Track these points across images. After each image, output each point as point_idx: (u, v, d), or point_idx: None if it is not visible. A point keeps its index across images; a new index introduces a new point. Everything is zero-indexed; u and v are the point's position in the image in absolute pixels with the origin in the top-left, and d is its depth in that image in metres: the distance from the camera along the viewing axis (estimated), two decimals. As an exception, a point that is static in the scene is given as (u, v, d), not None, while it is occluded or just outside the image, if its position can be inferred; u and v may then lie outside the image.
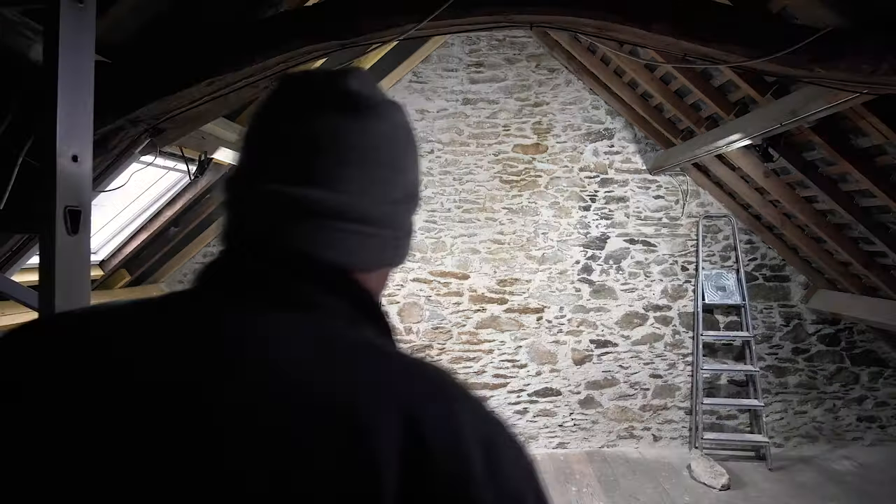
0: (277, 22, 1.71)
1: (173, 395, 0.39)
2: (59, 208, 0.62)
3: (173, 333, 0.44)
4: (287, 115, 0.53)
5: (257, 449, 0.37)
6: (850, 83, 1.72)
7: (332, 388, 0.40)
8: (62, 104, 0.63)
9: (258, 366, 0.41)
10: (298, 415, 0.39)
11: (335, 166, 0.51)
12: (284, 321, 0.44)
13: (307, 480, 0.37)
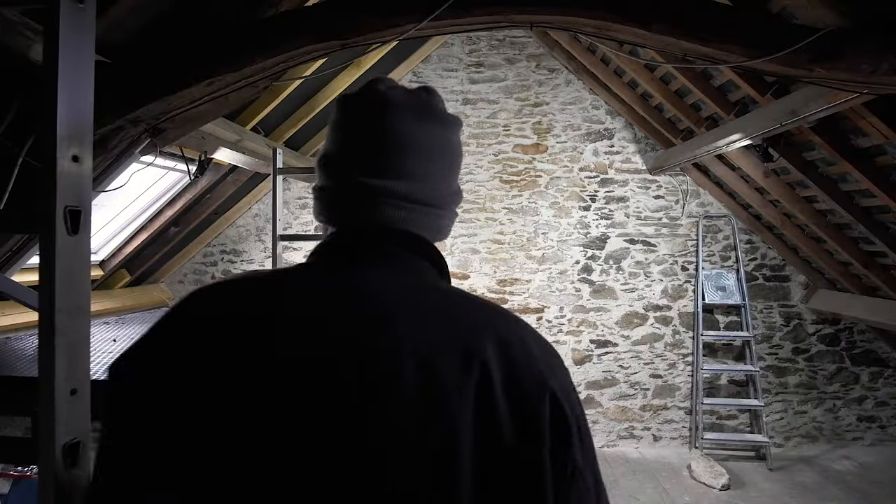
0: (277, 22, 1.71)
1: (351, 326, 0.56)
2: (59, 208, 0.63)
3: (340, 289, 0.60)
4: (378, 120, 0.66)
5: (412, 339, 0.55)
6: (850, 83, 1.72)
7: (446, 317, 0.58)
8: (62, 104, 0.64)
9: (383, 301, 0.58)
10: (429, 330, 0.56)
11: (416, 163, 0.66)
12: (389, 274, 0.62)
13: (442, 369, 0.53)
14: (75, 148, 0.66)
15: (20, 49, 1.52)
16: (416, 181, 0.66)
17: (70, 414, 0.64)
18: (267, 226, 4.61)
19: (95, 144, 1.75)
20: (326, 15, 1.62)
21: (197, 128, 2.12)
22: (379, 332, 0.56)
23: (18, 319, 3.03)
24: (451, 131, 0.70)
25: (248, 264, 4.62)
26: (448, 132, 0.70)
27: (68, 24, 0.64)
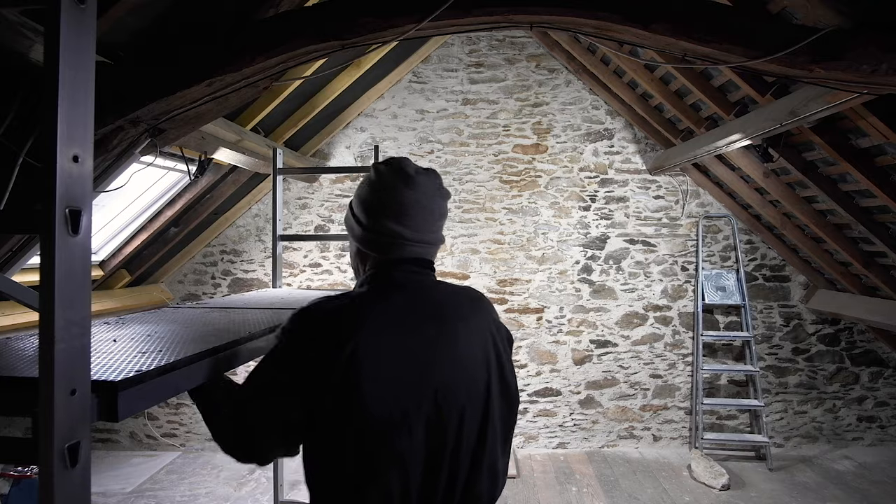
0: (277, 22, 1.71)
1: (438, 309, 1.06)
2: (59, 209, 0.63)
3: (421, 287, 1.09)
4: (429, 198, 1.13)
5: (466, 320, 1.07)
6: (850, 83, 1.72)
7: (466, 300, 1.12)
8: (62, 105, 0.64)
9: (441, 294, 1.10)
10: (465, 310, 1.09)
11: (434, 223, 1.13)
12: (433, 279, 1.13)
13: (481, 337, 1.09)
14: (76, 148, 0.66)
15: (20, 49, 1.52)
16: (436, 233, 1.15)
17: (70, 414, 0.65)
18: (267, 226, 4.61)
19: (95, 145, 1.75)
20: (326, 15, 1.62)
21: (197, 128, 2.12)
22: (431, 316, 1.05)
23: (19, 319, 3.03)
24: (447, 201, 1.19)
25: (248, 264, 4.63)
26: (447, 203, 1.19)
27: (69, 25, 0.64)
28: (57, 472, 0.64)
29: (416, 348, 0.99)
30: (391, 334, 0.99)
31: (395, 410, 0.95)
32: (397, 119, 4.57)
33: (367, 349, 0.95)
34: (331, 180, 4.59)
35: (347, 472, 0.95)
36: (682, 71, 3.25)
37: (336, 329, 0.97)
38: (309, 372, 0.95)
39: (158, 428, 4.65)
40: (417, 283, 1.08)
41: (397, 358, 0.98)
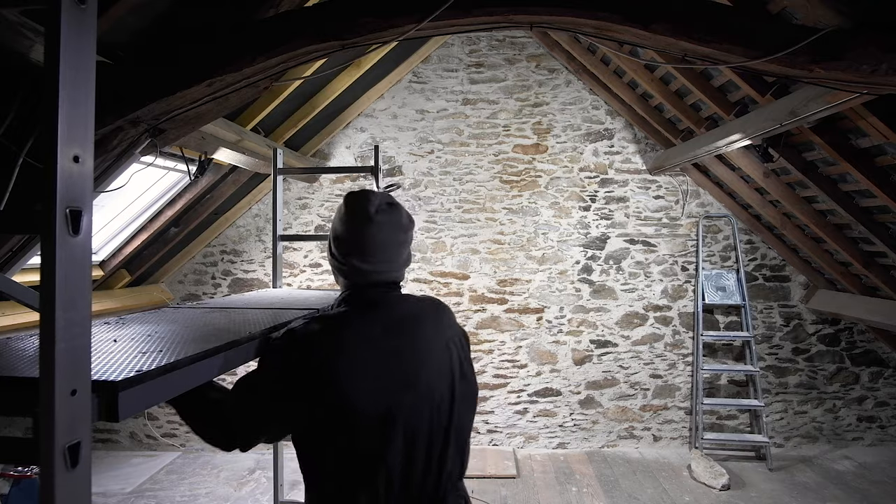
0: (277, 22, 1.71)
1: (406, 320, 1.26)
2: (59, 209, 0.63)
3: (387, 303, 1.27)
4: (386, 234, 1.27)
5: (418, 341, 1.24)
6: (850, 83, 1.72)
7: (427, 309, 1.32)
8: (63, 104, 0.64)
9: (406, 306, 1.30)
10: (416, 330, 1.25)
11: (395, 253, 1.30)
12: (398, 294, 1.32)
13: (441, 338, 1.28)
14: (76, 148, 0.66)
15: (20, 49, 1.52)
16: (393, 262, 1.30)
17: (70, 414, 0.65)
18: (267, 226, 4.61)
19: (95, 145, 1.75)
20: (326, 15, 1.62)
21: (197, 128, 2.12)
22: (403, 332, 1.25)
23: (19, 319, 3.03)
24: (410, 231, 1.34)
25: (248, 264, 4.63)
26: (409, 233, 1.33)
27: (69, 25, 0.64)
28: (58, 473, 0.64)
29: (389, 355, 1.20)
30: (367, 347, 1.19)
31: (376, 409, 1.15)
32: (397, 119, 4.57)
33: (348, 361, 1.16)
34: (331, 180, 4.59)
35: (335, 467, 1.15)
36: (682, 71, 3.25)
37: (319, 348, 1.16)
38: (295, 382, 1.13)
39: (158, 428, 4.65)
40: (385, 301, 1.29)
41: (374, 365, 1.17)
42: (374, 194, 1.30)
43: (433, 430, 1.20)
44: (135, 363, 0.89)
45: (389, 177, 4.59)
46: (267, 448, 4.60)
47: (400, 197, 4.57)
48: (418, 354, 1.22)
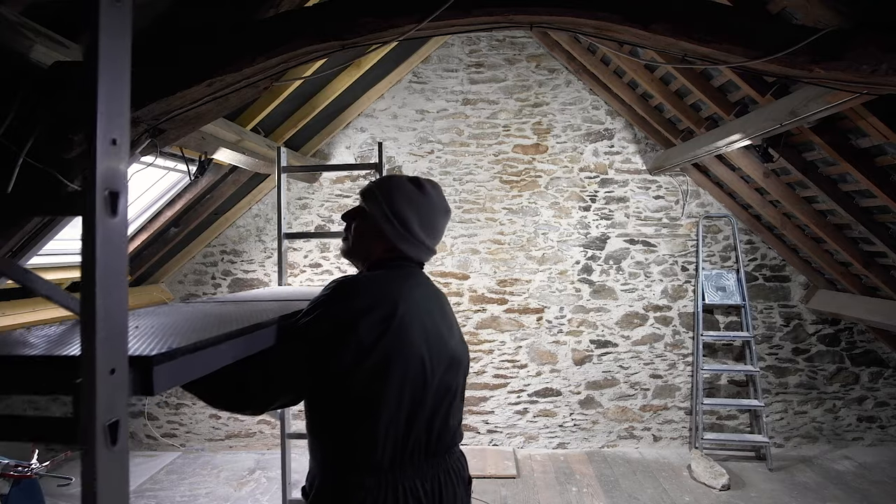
0: (277, 22, 1.71)
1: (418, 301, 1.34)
2: (99, 191, 0.66)
3: (405, 282, 1.35)
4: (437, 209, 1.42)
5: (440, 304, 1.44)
6: (850, 83, 1.72)
7: (437, 291, 1.47)
8: (102, 92, 0.67)
9: (420, 286, 1.39)
10: (441, 300, 1.45)
11: (440, 230, 1.44)
12: (423, 276, 1.43)
13: (447, 312, 1.45)
14: (115, 131, 0.68)
15: (20, 50, 1.52)
16: (435, 239, 1.44)
17: (110, 393, 0.67)
18: (267, 226, 4.61)
19: (95, 145, 1.75)
20: (326, 15, 1.61)
21: (197, 128, 2.11)
22: (431, 291, 1.43)
23: (19, 320, 3.03)
24: (447, 218, 1.47)
25: (248, 264, 4.63)
26: (447, 218, 1.46)
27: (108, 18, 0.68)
28: (99, 450, 0.65)
29: (425, 314, 1.34)
30: (418, 307, 1.33)
31: (413, 362, 1.27)
32: (397, 119, 4.57)
33: (409, 313, 1.28)
34: (331, 180, 4.59)
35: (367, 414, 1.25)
36: (682, 71, 3.25)
37: (375, 302, 1.26)
38: (346, 337, 1.22)
39: (158, 428, 4.65)
40: (416, 272, 1.42)
41: (416, 322, 1.30)
42: (426, 178, 1.46)
43: (452, 387, 1.37)
44: (165, 342, 0.90)
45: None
46: (267, 448, 4.61)
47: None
48: (446, 319, 1.41)
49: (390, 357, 1.24)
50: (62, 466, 3.87)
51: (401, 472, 1.28)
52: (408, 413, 1.27)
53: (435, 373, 1.31)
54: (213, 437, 4.66)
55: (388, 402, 1.25)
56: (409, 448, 1.29)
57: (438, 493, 1.33)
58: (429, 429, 1.32)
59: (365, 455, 1.25)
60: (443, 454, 1.36)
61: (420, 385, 1.29)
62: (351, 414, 1.26)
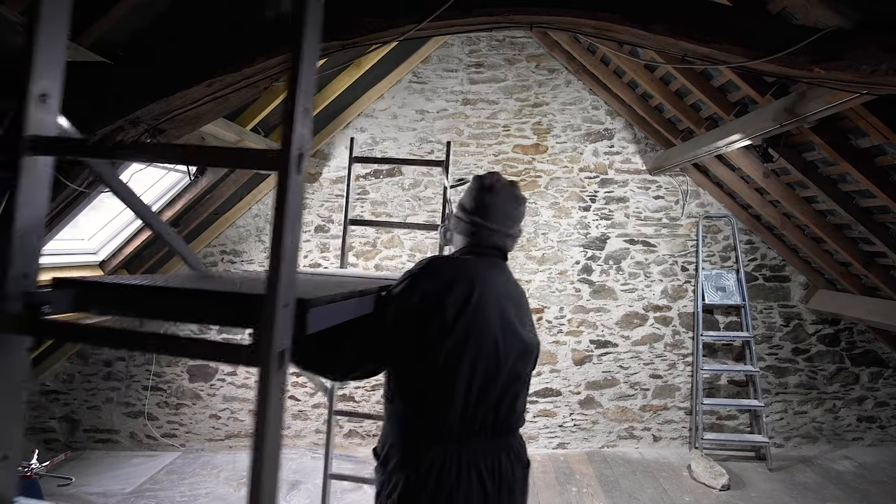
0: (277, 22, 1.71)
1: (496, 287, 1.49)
2: (293, 152, 0.78)
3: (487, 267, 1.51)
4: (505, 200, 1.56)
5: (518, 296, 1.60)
6: (850, 83, 1.72)
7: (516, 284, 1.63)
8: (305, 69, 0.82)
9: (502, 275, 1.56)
10: (518, 291, 1.62)
11: (512, 220, 1.58)
12: (505, 267, 1.61)
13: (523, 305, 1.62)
14: (304, 101, 0.81)
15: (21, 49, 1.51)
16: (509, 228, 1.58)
17: (283, 325, 0.81)
18: (267, 226, 4.60)
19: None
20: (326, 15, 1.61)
21: (197, 128, 2.12)
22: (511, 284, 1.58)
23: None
24: (522, 207, 1.61)
25: (248, 264, 4.63)
26: (521, 208, 1.60)
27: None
28: (272, 372, 0.79)
29: (502, 298, 1.49)
30: (496, 292, 1.47)
31: (491, 343, 1.41)
32: (397, 119, 4.57)
33: (486, 295, 1.43)
34: (331, 180, 4.60)
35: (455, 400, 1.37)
36: (682, 71, 3.25)
37: (457, 282, 1.40)
38: (433, 312, 1.35)
39: (158, 428, 4.65)
40: (497, 262, 1.58)
41: (500, 309, 1.46)
42: (497, 175, 1.59)
43: (522, 374, 1.49)
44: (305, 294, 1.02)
45: (396, 175, 4.59)
46: (267, 448, 4.61)
47: (400, 196, 4.57)
48: (521, 310, 1.56)
49: (469, 334, 1.37)
50: (62, 466, 3.88)
51: (466, 445, 1.38)
52: (479, 391, 1.38)
53: (508, 357, 1.43)
54: (213, 437, 4.66)
55: (462, 377, 1.36)
56: (477, 424, 1.39)
57: (499, 471, 1.42)
58: (496, 409, 1.41)
59: (435, 425, 1.37)
60: (506, 435, 1.46)
61: (493, 366, 1.40)
62: (428, 385, 1.37)
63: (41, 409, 4.59)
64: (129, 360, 4.60)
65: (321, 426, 4.65)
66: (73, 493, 3.76)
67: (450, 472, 1.36)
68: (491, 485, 1.41)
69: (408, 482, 1.37)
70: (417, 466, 1.36)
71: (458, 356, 1.36)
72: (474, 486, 1.38)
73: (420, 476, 1.36)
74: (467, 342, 1.37)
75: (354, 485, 3.78)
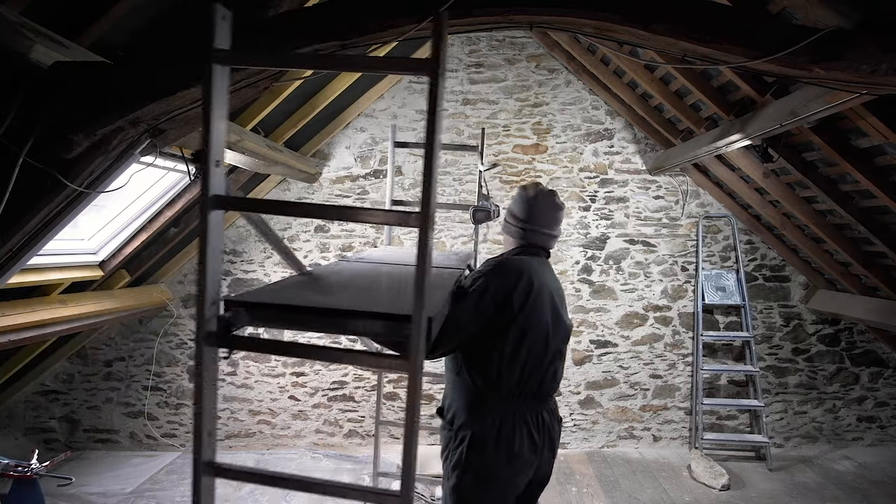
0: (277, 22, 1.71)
1: (546, 280, 1.93)
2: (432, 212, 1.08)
3: (538, 265, 1.95)
4: (548, 207, 2.00)
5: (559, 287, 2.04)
6: (850, 83, 1.72)
7: (555, 275, 2.06)
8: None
9: (548, 269, 2.02)
10: (558, 281, 2.05)
11: (555, 223, 2.03)
12: (547, 263, 2.03)
13: (563, 293, 2.05)
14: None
15: (20, 50, 1.52)
16: (552, 230, 2.01)
17: (423, 335, 1.05)
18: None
19: (95, 145, 1.75)
20: (326, 15, 1.62)
21: (197, 128, 2.12)
22: (554, 276, 2.02)
23: (20, 320, 3.03)
24: (562, 212, 2.02)
25: (247, 264, 4.62)
26: (561, 212, 2.02)
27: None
28: (416, 366, 1.05)
29: (552, 292, 1.93)
30: (547, 285, 1.91)
31: (544, 328, 1.85)
32: (397, 119, 4.57)
33: (533, 288, 1.83)
34: (331, 181, 4.60)
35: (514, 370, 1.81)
36: (682, 71, 3.25)
37: (523, 278, 1.83)
38: (505, 303, 1.78)
39: (158, 428, 4.65)
40: (543, 260, 2.00)
41: (546, 296, 1.88)
42: (539, 185, 2.01)
43: (562, 351, 1.94)
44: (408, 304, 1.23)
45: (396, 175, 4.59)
46: (267, 448, 4.61)
47: (399, 197, 4.57)
48: (561, 299, 1.99)
49: (529, 321, 1.80)
50: (62, 466, 3.88)
51: (519, 403, 1.84)
52: (532, 364, 1.83)
53: (554, 337, 1.88)
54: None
55: (521, 354, 1.81)
56: (527, 389, 1.85)
57: (542, 424, 1.88)
58: (542, 379, 1.86)
59: (497, 390, 1.82)
60: (547, 398, 1.93)
61: (543, 345, 1.84)
62: (494, 360, 1.81)
63: (41, 409, 4.59)
64: (128, 360, 4.60)
65: (321, 426, 4.65)
66: (73, 493, 3.76)
67: (507, 424, 1.81)
68: (537, 434, 1.86)
69: (474, 435, 1.82)
70: (483, 422, 1.81)
71: (519, 338, 1.80)
72: (525, 435, 1.83)
73: (485, 429, 1.81)
74: (527, 328, 1.80)
75: (354, 485, 3.77)
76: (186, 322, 4.61)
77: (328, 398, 4.64)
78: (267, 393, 4.65)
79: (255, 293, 1.37)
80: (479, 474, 1.81)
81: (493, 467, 1.80)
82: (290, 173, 4.10)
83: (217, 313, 1.14)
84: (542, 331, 1.82)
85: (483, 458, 1.80)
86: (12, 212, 1.70)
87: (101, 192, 1.96)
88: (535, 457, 1.86)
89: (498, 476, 1.82)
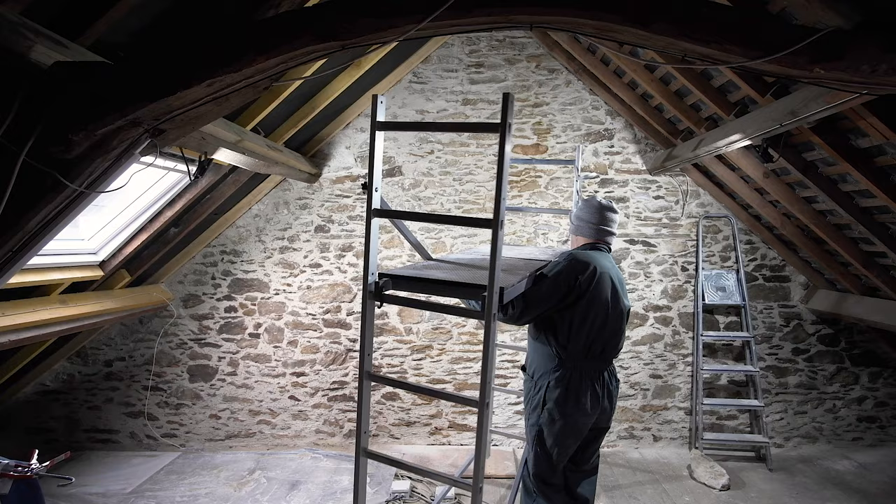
0: (277, 22, 1.71)
1: (608, 269, 2.57)
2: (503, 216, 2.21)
3: (602, 257, 2.61)
4: (609, 212, 2.70)
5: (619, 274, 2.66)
6: (850, 83, 1.71)
7: (615, 265, 2.69)
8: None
9: (610, 260, 2.66)
10: (618, 270, 2.67)
11: (615, 223, 2.74)
12: (609, 256, 2.69)
13: (622, 280, 2.66)
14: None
15: (20, 50, 1.52)
16: (612, 230, 2.72)
17: (494, 301, 1.71)
18: (267, 226, 4.61)
19: (96, 145, 1.75)
20: (326, 15, 1.61)
21: (197, 128, 2.11)
22: (615, 266, 2.65)
23: (19, 320, 3.03)
24: (617, 214, 2.72)
25: (248, 265, 4.63)
26: (617, 215, 2.72)
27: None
28: (489, 322, 1.70)
29: (613, 278, 2.52)
30: (605, 271, 2.49)
31: (606, 309, 2.46)
32: (397, 119, 4.57)
33: (600, 276, 2.45)
34: (331, 181, 4.59)
35: (581, 337, 2.44)
36: (682, 71, 3.25)
37: (589, 266, 2.44)
38: (575, 284, 2.40)
39: (158, 428, 4.65)
40: (608, 255, 2.62)
41: (608, 283, 2.48)
42: (600, 196, 2.42)
43: (621, 326, 2.54)
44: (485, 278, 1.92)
45: (396, 175, 4.59)
46: (267, 448, 4.61)
47: (400, 197, 4.57)
48: (621, 284, 2.56)
49: (593, 300, 2.42)
50: (62, 467, 3.87)
51: (584, 363, 2.46)
52: (595, 334, 2.44)
53: (612, 315, 2.47)
54: (213, 437, 4.66)
55: (586, 326, 2.42)
56: (593, 352, 2.46)
57: (603, 381, 2.51)
58: (604, 347, 2.47)
59: (568, 352, 2.45)
60: (607, 361, 2.53)
61: (603, 319, 2.45)
62: (565, 329, 2.43)
63: (41, 409, 4.59)
64: (128, 360, 4.60)
65: (321, 426, 4.65)
66: (73, 493, 3.76)
67: (575, 378, 2.44)
68: (599, 388, 2.48)
69: (549, 385, 2.47)
70: (556, 375, 2.46)
71: (585, 313, 2.41)
72: (589, 389, 2.46)
73: (559, 381, 2.45)
74: (591, 305, 2.41)
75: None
76: (187, 322, 4.61)
77: (328, 398, 4.64)
78: (267, 393, 4.65)
79: (397, 270, 2.03)
80: (551, 413, 2.44)
81: (563, 409, 2.42)
82: (291, 173, 4.09)
83: (375, 280, 1.89)
84: (603, 307, 2.43)
85: (555, 401, 2.43)
86: (12, 212, 1.70)
87: (102, 192, 1.96)
88: (597, 405, 2.47)
89: (565, 416, 2.42)
